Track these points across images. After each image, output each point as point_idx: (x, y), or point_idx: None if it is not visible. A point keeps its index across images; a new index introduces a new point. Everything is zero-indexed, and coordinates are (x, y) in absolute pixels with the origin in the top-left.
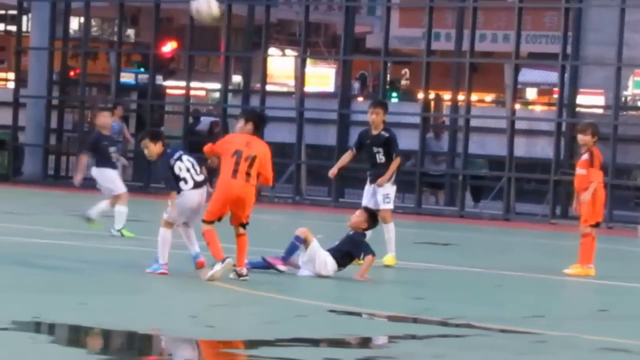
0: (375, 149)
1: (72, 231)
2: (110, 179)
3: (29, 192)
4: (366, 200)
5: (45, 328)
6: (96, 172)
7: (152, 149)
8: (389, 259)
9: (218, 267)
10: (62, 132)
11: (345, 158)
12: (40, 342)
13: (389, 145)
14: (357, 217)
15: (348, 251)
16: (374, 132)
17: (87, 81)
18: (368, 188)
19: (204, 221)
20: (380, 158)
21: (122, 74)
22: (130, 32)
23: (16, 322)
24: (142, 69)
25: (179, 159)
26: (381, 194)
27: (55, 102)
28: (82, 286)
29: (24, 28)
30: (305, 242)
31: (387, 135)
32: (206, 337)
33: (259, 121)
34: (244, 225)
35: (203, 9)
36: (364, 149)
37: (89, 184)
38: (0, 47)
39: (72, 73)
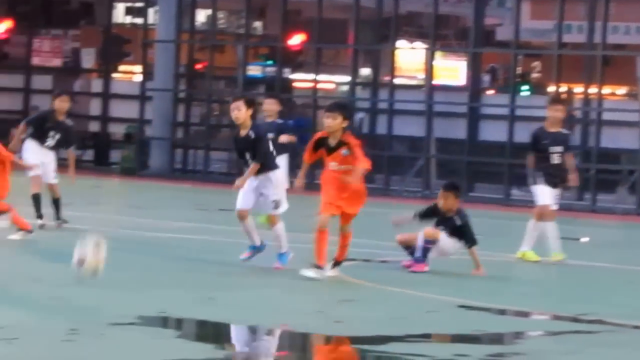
0: (553, 149)
1: (199, 225)
2: None
3: (156, 186)
4: (551, 200)
5: (172, 323)
6: None
7: (243, 113)
8: (557, 255)
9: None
10: (188, 125)
11: (531, 162)
12: (166, 337)
13: (567, 143)
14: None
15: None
16: (552, 130)
17: (214, 74)
18: (551, 189)
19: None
20: (558, 158)
21: (249, 67)
22: (258, 24)
23: (142, 317)
24: (269, 62)
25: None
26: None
27: (182, 95)
28: (210, 281)
29: (150, 21)
30: (434, 242)
31: (567, 133)
32: (334, 332)
33: (349, 114)
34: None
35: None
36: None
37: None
38: (127, 40)
39: (198, 66)
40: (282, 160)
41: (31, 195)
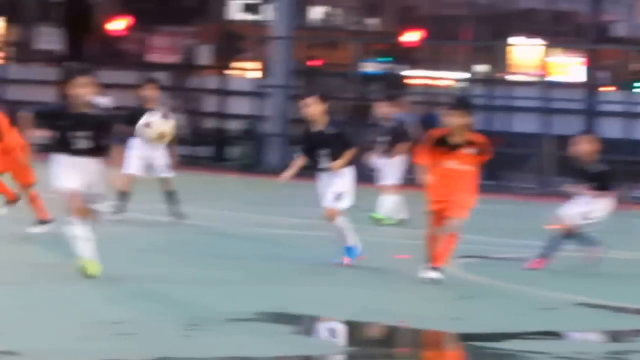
0: None
1: (317, 222)
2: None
3: (271, 182)
4: None
5: (290, 319)
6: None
7: (318, 109)
8: None
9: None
10: (303, 122)
11: None
12: (282, 332)
13: None
14: None
15: None
16: None
17: (330, 71)
18: None
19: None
20: None
21: (365, 64)
22: (373, 21)
23: (260, 313)
24: (385, 59)
25: None
26: None
27: (297, 92)
28: (327, 277)
29: (266, 17)
30: (570, 232)
31: None
32: (452, 329)
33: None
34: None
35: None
36: None
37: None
38: (243, 36)
39: (314, 62)
40: (397, 158)
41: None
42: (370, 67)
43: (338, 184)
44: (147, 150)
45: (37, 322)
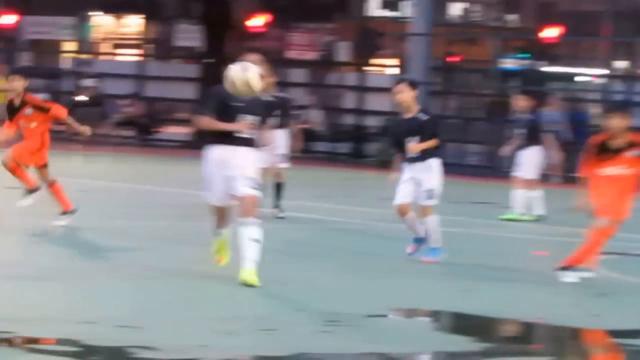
0: None
1: (453, 219)
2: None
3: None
4: None
5: (429, 314)
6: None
7: (409, 95)
8: None
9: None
10: (443, 118)
11: None
12: (421, 328)
13: None
14: None
15: None
16: None
17: (469, 67)
18: None
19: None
20: None
21: (504, 60)
22: (512, 17)
23: (400, 309)
24: (524, 55)
25: None
26: None
27: (436, 88)
28: (465, 273)
29: (405, 14)
30: None
31: None
32: (591, 326)
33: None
34: None
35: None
36: None
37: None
38: (382, 33)
39: (453, 59)
40: (534, 153)
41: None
42: (508, 63)
43: (428, 181)
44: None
45: (176, 317)
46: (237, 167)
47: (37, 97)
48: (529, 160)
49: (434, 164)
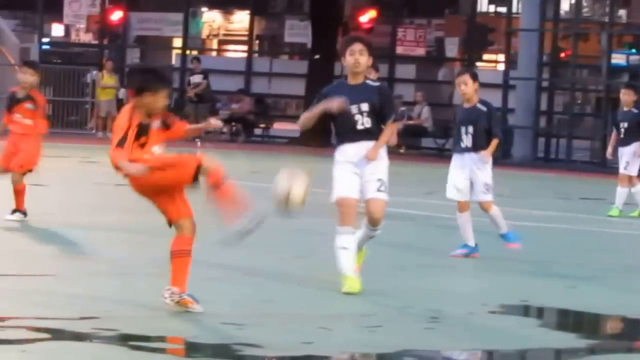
0: None
1: (561, 215)
2: None
3: (519, 175)
4: None
5: (534, 312)
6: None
7: (470, 87)
8: None
9: None
10: (552, 114)
11: None
12: (527, 325)
13: None
14: None
15: None
16: None
17: (578, 62)
18: None
19: None
20: None
21: (613, 55)
22: (622, 12)
23: (505, 306)
24: (633, 50)
25: None
26: None
27: (545, 84)
28: (572, 270)
29: (514, 9)
30: None
31: None
32: None
33: None
34: None
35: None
36: None
37: None
38: (491, 28)
39: (562, 54)
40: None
41: None
42: (619, 58)
43: (485, 175)
44: None
45: (279, 314)
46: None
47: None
48: (633, 156)
49: (490, 160)
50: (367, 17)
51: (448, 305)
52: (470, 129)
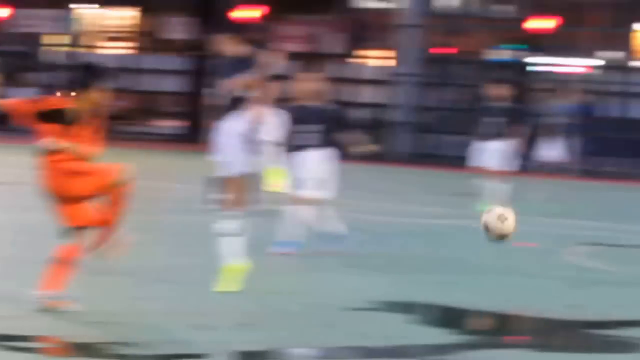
0: None
1: (435, 210)
2: None
3: (399, 170)
4: None
5: (403, 307)
6: None
7: (313, 85)
8: None
9: None
10: (433, 110)
11: None
12: (397, 321)
13: None
14: None
15: None
16: None
17: (461, 58)
18: None
19: None
20: None
21: (496, 51)
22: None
23: (374, 302)
24: (517, 46)
25: None
26: None
27: (426, 79)
28: (443, 266)
29: (399, 5)
30: None
31: None
32: (568, 317)
33: None
34: None
35: (492, 224)
36: None
37: None
38: (376, 24)
39: (445, 50)
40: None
41: None
42: (502, 54)
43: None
44: None
45: (153, 312)
46: None
47: None
48: (502, 151)
49: (331, 156)
50: (249, 12)
51: (325, 300)
52: (316, 127)
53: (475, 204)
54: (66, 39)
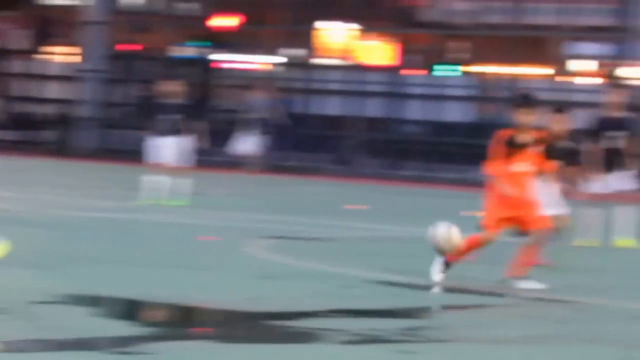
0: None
1: (124, 204)
2: None
3: (83, 166)
4: None
5: (92, 301)
6: None
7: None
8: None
9: None
10: (118, 105)
11: None
12: (85, 315)
13: None
14: None
15: None
16: None
17: (145, 55)
18: None
19: None
20: None
21: (180, 48)
22: (190, 5)
23: (66, 296)
24: (201, 43)
25: None
26: None
27: (112, 76)
28: (136, 258)
29: (83, 2)
30: None
31: None
32: (249, 308)
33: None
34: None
35: (440, 237)
36: None
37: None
38: (62, 20)
39: (131, 47)
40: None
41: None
42: (186, 51)
43: None
44: None
45: None
46: None
47: None
48: (178, 147)
49: None
50: None
51: (9, 295)
52: None
53: (140, 198)
54: None
